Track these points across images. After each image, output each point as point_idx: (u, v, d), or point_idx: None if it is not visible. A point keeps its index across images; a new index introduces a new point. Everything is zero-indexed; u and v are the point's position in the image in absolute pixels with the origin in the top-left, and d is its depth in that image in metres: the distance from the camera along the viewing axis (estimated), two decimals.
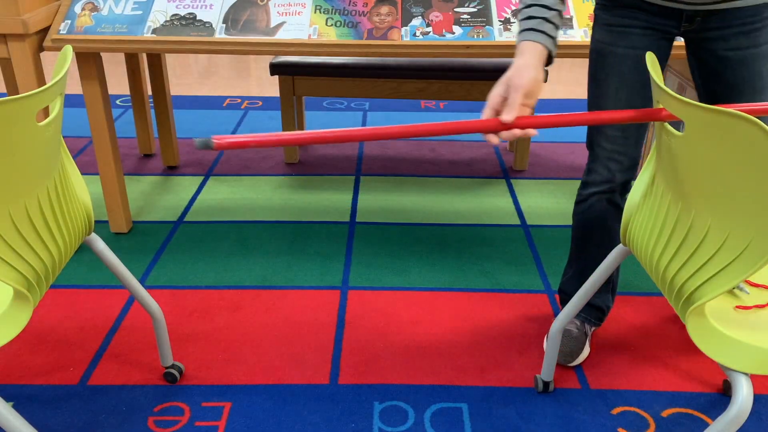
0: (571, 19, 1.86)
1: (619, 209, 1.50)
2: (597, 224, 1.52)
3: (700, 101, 1.41)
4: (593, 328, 1.68)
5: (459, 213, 2.33)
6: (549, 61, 1.18)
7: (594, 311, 1.65)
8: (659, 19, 1.34)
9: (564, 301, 1.68)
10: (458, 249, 2.11)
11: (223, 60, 4.28)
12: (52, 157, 1.08)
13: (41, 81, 1.86)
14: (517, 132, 1.05)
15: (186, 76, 3.94)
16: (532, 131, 1.06)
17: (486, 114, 1.08)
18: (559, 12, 1.19)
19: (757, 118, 0.84)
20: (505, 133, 1.05)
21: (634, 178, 1.48)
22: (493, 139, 1.05)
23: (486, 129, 1.04)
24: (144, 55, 2.64)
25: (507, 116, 1.05)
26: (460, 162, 2.75)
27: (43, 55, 4.21)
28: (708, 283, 0.97)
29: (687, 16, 1.32)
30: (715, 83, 1.37)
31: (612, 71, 1.39)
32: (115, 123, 3.16)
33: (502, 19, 1.86)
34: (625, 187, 1.50)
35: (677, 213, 1.04)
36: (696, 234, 1.00)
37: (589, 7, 1.89)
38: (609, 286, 1.64)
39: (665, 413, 1.47)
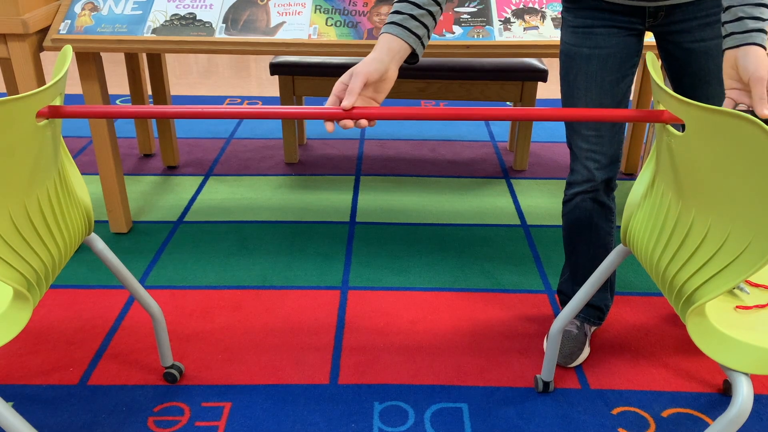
0: None
1: (605, 207, 1.53)
2: (584, 223, 1.54)
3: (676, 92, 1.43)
4: (593, 328, 1.68)
5: (459, 213, 2.33)
6: (414, 59, 1.14)
7: (594, 311, 1.65)
8: (622, 18, 1.36)
9: (563, 302, 1.68)
10: (458, 249, 2.11)
11: (223, 60, 4.28)
12: (52, 157, 1.08)
13: (41, 81, 1.86)
14: (348, 123, 1.04)
15: (186, 76, 3.94)
16: (363, 122, 1.05)
17: (329, 101, 1.08)
18: (431, 12, 1.13)
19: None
20: (342, 122, 1.04)
21: (616, 175, 1.50)
22: (329, 126, 1.05)
23: (324, 117, 1.04)
24: (144, 55, 2.64)
25: (345, 102, 1.04)
26: (460, 162, 2.75)
27: (43, 55, 4.21)
28: (708, 283, 0.97)
29: (650, 13, 1.34)
30: (683, 74, 1.39)
31: (580, 72, 1.42)
32: (115, 123, 3.16)
33: (502, 19, 1.86)
34: (609, 185, 1.52)
35: (677, 213, 1.04)
36: (696, 234, 1.00)
37: None
38: (607, 284, 1.64)
39: (665, 413, 1.47)
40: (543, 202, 2.41)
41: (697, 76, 1.37)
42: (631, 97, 2.32)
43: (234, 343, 1.67)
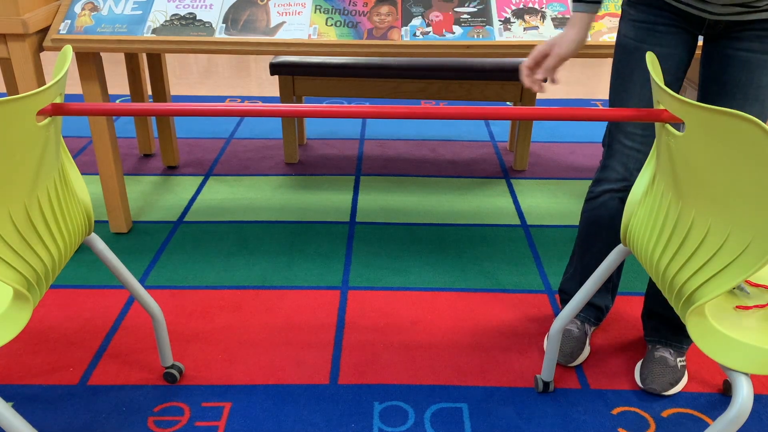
0: None
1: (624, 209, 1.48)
2: (606, 223, 1.50)
3: (698, 99, 1.41)
4: (593, 328, 1.68)
5: (459, 213, 2.33)
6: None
7: (593, 311, 1.65)
8: (683, 21, 1.34)
9: (564, 301, 1.68)
10: (458, 249, 2.11)
11: (223, 60, 4.28)
12: (52, 157, 1.08)
13: (41, 81, 1.86)
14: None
15: (186, 76, 3.94)
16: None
17: (529, 60, 1.41)
18: None
19: None
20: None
21: None
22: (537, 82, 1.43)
23: (325, 116, 1.13)
24: (144, 55, 2.64)
25: (538, 75, 1.41)
26: (460, 162, 2.75)
27: (43, 55, 4.21)
28: (708, 284, 0.97)
29: (709, 24, 1.31)
30: (713, 82, 1.36)
31: (638, 67, 1.38)
32: (115, 123, 3.16)
33: (502, 19, 1.86)
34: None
35: (677, 213, 1.04)
36: (696, 234, 1.00)
37: None
38: (609, 285, 1.63)
39: (665, 413, 1.47)
40: (543, 202, 2.41)
41: (725, 86, 1.33)
42: None
43: (234, 343, 1.67)
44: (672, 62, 1.37)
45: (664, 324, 1.56)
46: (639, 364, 1.58)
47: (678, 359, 1.55)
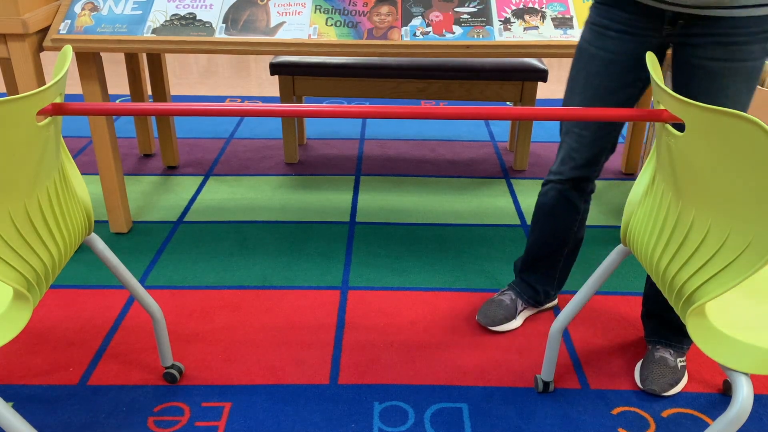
0: (571, 19, 1.86)
1: (571, 204, 1.57)
2: (545, 211, 1.61)
3: None
4: (527, 308, 1.75)
5: (459, 213, 2.33)
6: None
7: (529, 289, 1.74)
8: (639, 21, 1.33)
9: (515, 275, 1.80)
10: (458, 249, 2.11)
11: (223, 60, 4.28)
12: (52, 157, 1.08)
13: (41, 81, 1.86)
14: None
15: (186, 76, 3.94)
16: None
17: None
18: None
19: None
20: None
21: (590, 177, 1.53)
22: None
23: (325, 115, 1.11)
24: (144, 55, 2.64)
25: None
26: (460, 162, 2.75)
27: (43, 55, 4.21)
28: (708, 283, 0.97)
29: (669, 19, 1.30)
30: (683, 91, 1.36)
31: (582, 69, 1.43)
32: (115, 123, 3.16)
33: (502, 19, 1.86)
34: (579, 185, 1.55)
35: (677, 213, 1.04)
36: (696, 234, 1.00)
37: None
38: (555, 273, 1.70)
39: (665, 413, 1.47)
40: None
41: (695, 97, 1.33)
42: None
43: (234, 343, 1.67)
44: (615, 68, 1.38)
45: (663, 325, 1.57)
46: (639, 364, 1.58)
47: (678, 359, 1.55)
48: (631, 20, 1.33)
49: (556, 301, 1.81)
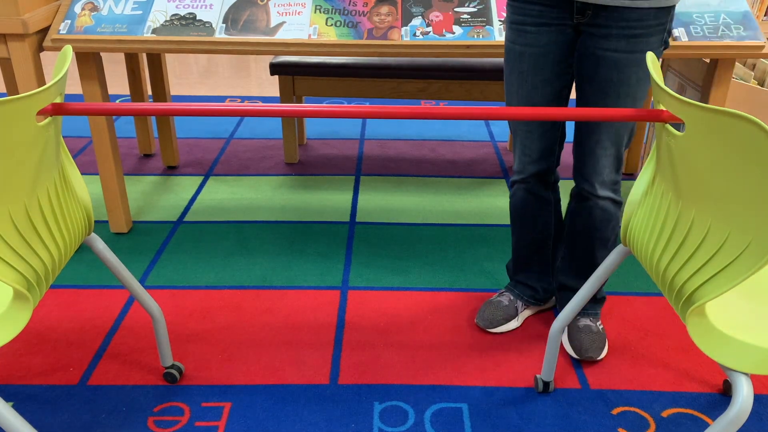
0: None
1: (540, 198, 1.61)
2: (519, 212, 1.65)
3: (576, 100, 1.48)
4: (527, 307, 1.76)
5: (459, 213, 2.33)
6: None
7: (527, 289, 1.74)
8: (552, 12, 1.38)
9: (509, 278, 1.80)
10: (458, 249, 2.11)
11: (223, 60, 4.28)
12: (52, 157, 1.08)
13: (41, 81, 1.86)
14: None
15: (186, 76, 3.94)
16: None
17: None
18: None
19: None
20: None
21: (549, 169, 1.58)
22: None
23: (325, 115, 1.11)
24: (144, 55, 2.64)
25: None
26: (460, 162, 2.75)
27: (43, 55, 4.21)
28: (708, 283, 0.97)
29: (578, 8, 1.36)
30: (587, 81, 1.42)
31: (514, 69, 1.47)
32: (115, 123, 3.16)
33: (502, 19, 1.86)
34: (541, 179, 1.59)
35: (677, 213, 1.04)
36: (696, 234, 1.00)
37: None
38: (548, 268, 1.73)
39: (665, 413, 1.47)
40: None
41: (598, 85, 1.39)
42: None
43: (234, 343, 1.67)
44: (545, 61, 1.42)
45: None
46: (565, 336, 1.67)
47: (598, 324, 1.66)
48: (544, 12, 1.38)
49: (554, 300, 1.81)
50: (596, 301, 1.68)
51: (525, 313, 1.75)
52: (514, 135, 1.55)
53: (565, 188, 2.51)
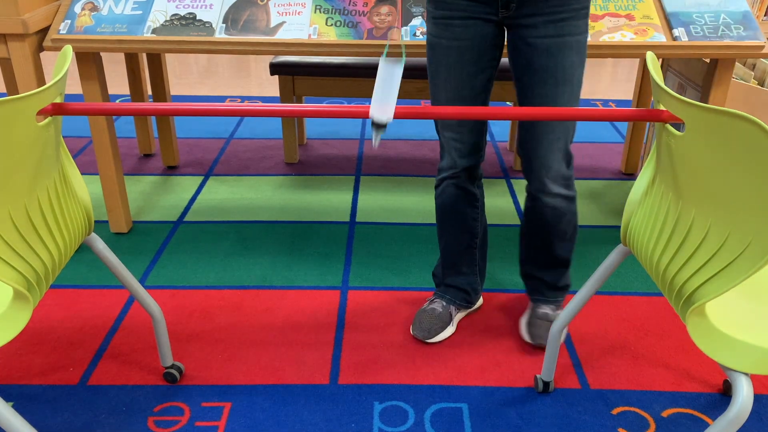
0: None
1: (469, 193, 1.61)
2: (449, 208, 1.63)
3: (517, 92, 1.49)
4: (460, 312, 1.75)
5: None
6: None
7: (459, 293, 1.73)
8: (478, 7, 1.39)
9: (436, 285, 1.78)
10: None
11: (223, 60, 4.28)
12: (52, 157, 1.08)
13: (41, 81, 1.86)
14: None
15: (186, 76, 3.94)
16: None
17: None
18: None
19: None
20: None
21: (478, 164, 1.59)
22: None
23: (325, 115, 1.12)
24: (144, 55, 2.64)
25: None
26: None
27: (43, 55, 4.21)
28: (708, 283, 0.97)
29: (503, 3, 1.38)
30: (524, 71, 1.43)
31: (441, 63, 1.47)
32: (115, 123, 3.16)
33: None
34: (471, 173, 1.60)
35: (677, 213, 1.04)
36: (696, 234, 1.00)
37: None
38: (475, 269, 1.72)
39: (665, 413, 1.47)
40: None
41: (537, 74, 1.41)
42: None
43: (234, 343, 1.67)
44: (471, 54, 1.43)
45: (543, 284, 1.69)
46: (524, 321, 1.69)
47: (557, 312, 1.68)
48: (469, 7, 1.40)
49: (481, 300, 1.82)
50: (560, 288, 1.69)
51: (458, 317, 1.74)
52: (443, 130, 1.54)
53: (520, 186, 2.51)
